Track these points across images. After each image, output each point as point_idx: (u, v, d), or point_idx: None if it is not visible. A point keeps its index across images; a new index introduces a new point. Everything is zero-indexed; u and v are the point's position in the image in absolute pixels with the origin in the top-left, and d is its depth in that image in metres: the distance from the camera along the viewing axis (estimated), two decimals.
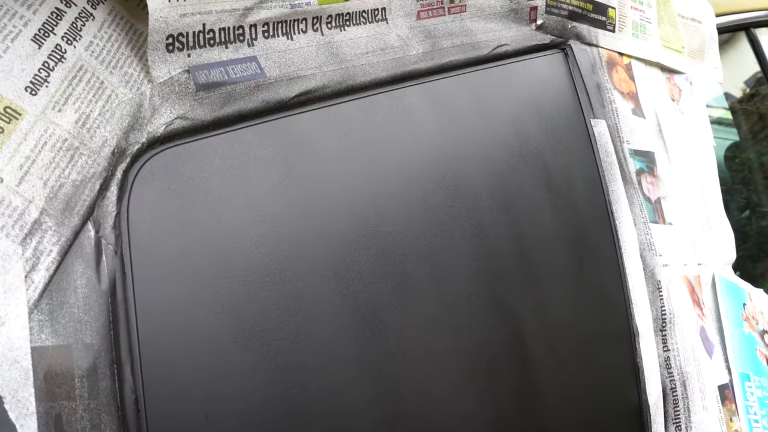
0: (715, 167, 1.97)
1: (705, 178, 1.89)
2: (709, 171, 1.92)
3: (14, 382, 0.61)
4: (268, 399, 0.79)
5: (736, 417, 1.65)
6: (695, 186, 1.83)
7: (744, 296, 1.89)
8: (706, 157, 1.93)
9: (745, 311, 1.87)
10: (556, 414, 1.24)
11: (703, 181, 1.87)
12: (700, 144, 1.92)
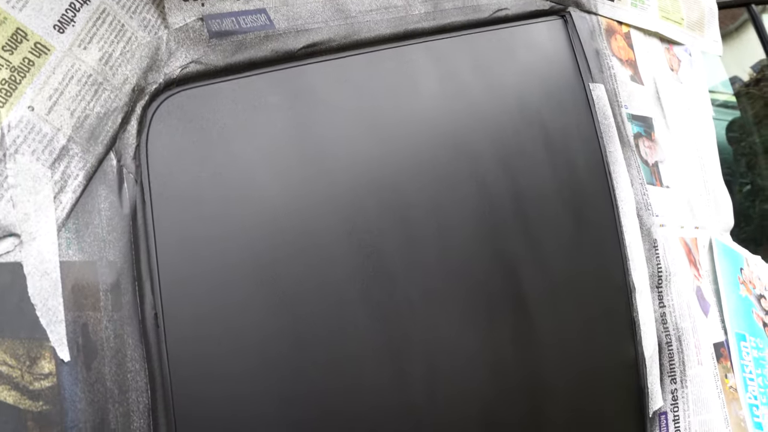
0: (713, 137, 2.01)
1: (703, 146, 1.93)
2: (707, 139, 1.96)
3: (45, 292, 0.66)
4: (277, 328, 0.84)
5: (731, 374, 1.70)
6: (693, 153, 1.87)
7: (741, 261, 1.94)
8: (704, 126, 1.97)
9: (742, 275, 1.91)
10: (553, 362, 1.29)
11: (701, 148, 1.91)
12: (698, 113, 1.96)
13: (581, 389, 1.34)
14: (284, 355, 0.85)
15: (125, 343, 0.70)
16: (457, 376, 1.06)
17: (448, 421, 1.03)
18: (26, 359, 0.64)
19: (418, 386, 0.99)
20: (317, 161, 0.94)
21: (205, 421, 0.75)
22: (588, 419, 1.35)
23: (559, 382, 1.29)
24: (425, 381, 1.00)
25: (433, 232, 1.06)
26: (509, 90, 1.34)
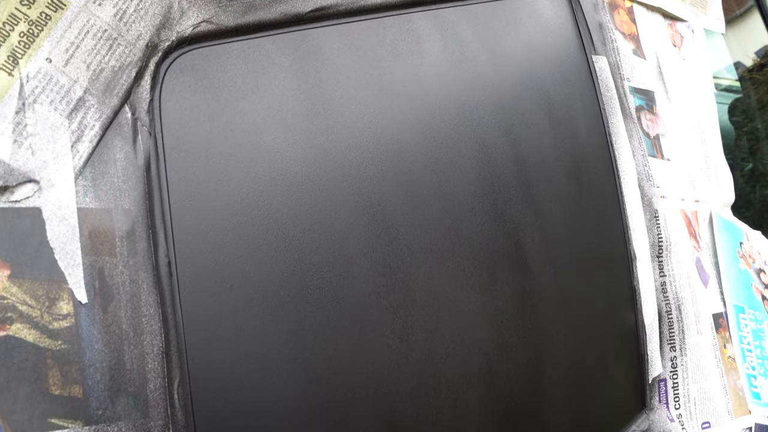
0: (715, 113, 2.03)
1: (704, 121, 1.95)
2: (708, 115, 1.98)
3: (63, 237, 0.69)
4: (285, 277, 0.87)
5: (730, 344, 1.73)
6: (694, 127, 1.89)
7: (741, 235, 1.96)
8: (706, 103, 1.99)
9: (742, 249, 1.94)
10: (553, 324, 1.31)
11: (702, 124, 1.93)
12: (700, 89, 1.97)
13: (581, 353, 1.37)
14: (291, 302, 0.87)
15: (140, 288, 0.73)
16: (457, 331, 1.09)
17: (450, 374, 1.05)
18: (45, 300, 0.66)
19: (420, 338, 1.01)
20: (324, 121, 0.96)
21: (215, 364, 0.77)
22: (588, 383, 1.38)
23: (559, 344, 1.32)
24: (427, 333, 1.02)
25: (435, 191, 1.09)
26: (513, 59, 1.36)
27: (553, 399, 1.28)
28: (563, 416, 1.30)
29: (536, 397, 1.24)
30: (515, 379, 1.19)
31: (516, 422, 1.18)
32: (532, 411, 1.23)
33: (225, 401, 0.78)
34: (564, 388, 1.30)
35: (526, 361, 1.22)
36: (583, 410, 1.35)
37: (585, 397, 1.36)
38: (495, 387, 1.14)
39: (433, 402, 1.03)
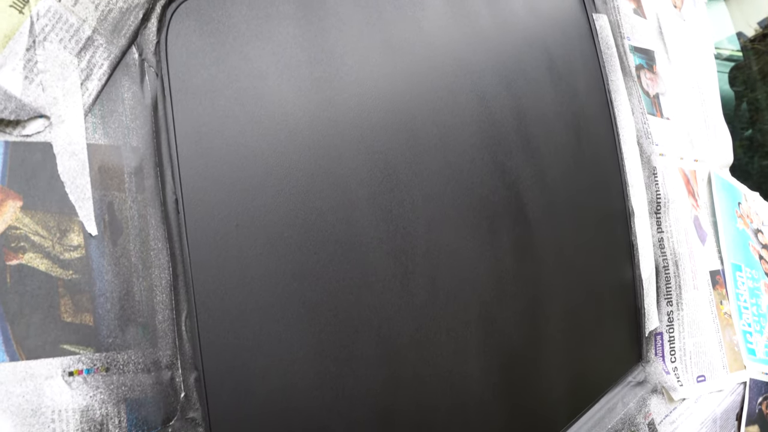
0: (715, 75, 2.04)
1: (704, 83, 1.96)
2: (708, 77, 1.99)
3: (73, 171, 0.71)
4: (289, 219, 0.89)
5: (726, 301, 1.75)
6: (694, 88, 1.90)
7: (739, 196, 1.98)
8: (706, 64, 2.00)
9: (740, 209, 1.95)
10: (551, 275, 1.34)
11: (702, 85, 1.94)
12: (700, 51, 1.98)
13: (579, 305, 1.39)
14: (295, 244, 0.89)
15: (148, 223, 0.75)
16: (457, 278, 1.11)
17: (449, 319, 1.08)
18: (57, 231, 0.68)
19: (420, 284, 1.03)
20: (327, 69, 0.98)
21: (221, 299, 0.80)
22: (585, 334, 1.41)
23: (557, 296, 1.34)
24: (427, 279, 1.05)
25: (436, 142, 1.10)
26: (514, 16, 1.37)
27: (551, 349, 1.30)
28: (560, 366, 1.32)
29: (534, 347, 1.26)
30: (513, 328, 1.21)
31: (514, 370, 1.21)
32: (530, 360, 1.25)
33: (231, 335, 0.80)
34: (561, 339, 1.33)
35: (525, 311, 1.24)
36: (580, 361, 1.38)
37: (582, 348, 1.39)
38: (493, 334, 1.17)
39: (433, 345, 1.06)
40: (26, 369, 0.64)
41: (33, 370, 0.65)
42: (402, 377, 1.00)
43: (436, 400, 1.06)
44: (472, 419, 1.12)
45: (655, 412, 1.51)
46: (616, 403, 1.46)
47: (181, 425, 0.74)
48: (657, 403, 1.53)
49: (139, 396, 0.71)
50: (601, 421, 1.39)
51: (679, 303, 1.62)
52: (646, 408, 1.49)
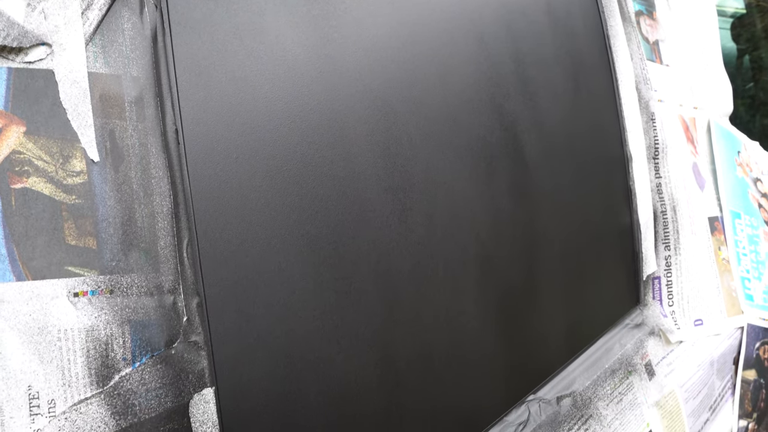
0: (716, 24, 2.03)
1: (705, 32, 1.96)
2: (709, 26, 1.99)
3: (75, 98, 0.72)
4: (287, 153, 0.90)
5: (725, 247, 1.77)
6: (695, 36, 1.90)
7: (739, 144, 1.98)
8: (706, 13, 1.99)
9: (739, 157, 1.96)
10: (549, 218, 1.35)
11: (702, 33, 1.94)
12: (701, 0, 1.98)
13: (576, 248, 1.41)
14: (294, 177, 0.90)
15: (149, 152, 0.77)
16: (455, 217, 1.13)
17: (447, 257, 1.10)
18: (59, 157, 0.70)
19: (418, 221, 1.05)
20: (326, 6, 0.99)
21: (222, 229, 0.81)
22: (583, 277, 1.42)
23: (555, 239, 1.36)
24: (425, 217, 1.06)
25: (434, 82, 1.11)
26: None
27: (548, 291, 1.32)
28: (558, 308, 1.34)
29: (531, 288, 1.28)
30: (510, 268, 1.23)
31: (511, 309, 1.23)
32: (527, 300, 1.27)
33: (232, 263, 0.82)
34: (559, 281, 1.35)
35: (522, 252, 1.26)
36: (578, 303, 1.40)
37: (580, 290, 1.41)
38: (490, 274, 1.19)
39: (430, 282, 1.07)
40: (32, 289, 0.66)
41: (39, 290, 0.67)
42: (400, 312, 1.02)
43: (434, 335, 1.08)
44: (469, 355, 1.14)
45: (653, 354, 1.53)
46: (613, 344, 1.48)
47: (184, 348, 0.76)
48: (654, 345, 1.55)
49: (142, 318, 0.73)
50: (598, 361, 1.42)
51: (676, 248, 1.64)
52: (644, 349, 1.52)
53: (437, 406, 1.07)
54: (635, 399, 1.43)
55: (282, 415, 0.86)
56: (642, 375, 1.47)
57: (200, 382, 0.76)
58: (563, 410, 1.27)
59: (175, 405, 0.74)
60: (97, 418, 0.68)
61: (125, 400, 0.70)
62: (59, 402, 0.66)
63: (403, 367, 1.02)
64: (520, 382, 1.25)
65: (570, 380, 1.34)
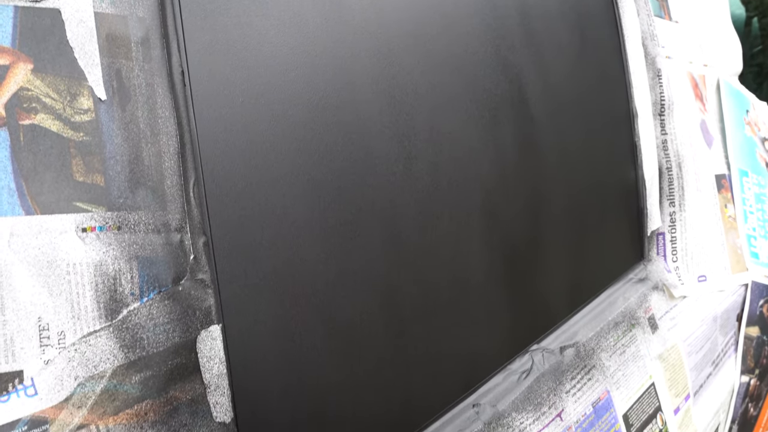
0: None
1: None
2: None
3: (82, 37, 0.73)
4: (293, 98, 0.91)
5: (731, 205, 1.77)
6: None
7: (747, 103, 1.98)
8: None
9: (748, 117, 1.96)
10: (553, 171, 1.36)
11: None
12: None
13: (581, 203, 1.41)
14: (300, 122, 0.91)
15: (155, 92, 0.77)
16: (460, 167, 1.13)
17: (451, 206, 1.11)
18: (67, 95, 0.71)
19: (423, 169, 1.06)
20: None
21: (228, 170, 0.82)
22: (587, 232, 1.43)
23: (560, 193, 1.36)
24: (430, 165, 1.07)
25: (438, 32, 1.12)
26: None
27: (552, 244, 1.33)
28: (562, 261, 1.35)
29: (535, 240, 1.29)
30: (515, 219, 1.24)
31: (515, 260, 1.24)
32: (531, 252, 1.28)
33: (238, 204, 0.83)
34: (563, 235, 1.36)
35: (527, 204, 1.27)
36: (582, 257, 1.41)
37: (584, 244, 1.42)
38: (496, 225, 1.20)
39: (434, 231, 1.08)
40: (41, 223, 0.68)
41: (48, 224, 0.68)
42: (405, 259, 1.03)
43: (438, 283, 1.09)
44: (473, 304, 1.15)
45: (656, 308, 1.54)
46: (617, 297, 1.49)
47: (191, 285, 0.77)
48: (658, 300, 1.56)
49: (150, 255, 0.74)
50: (602, 314, 1.43)
51: (681, 204, 1.64)
52: (647, 303, 1.53)
53: (441, 353, 1.09)
54: (638, 351, 1.44)
55: (287, 355, 0.88)
56: (645, 328, 1.48)
57: (207, 319, 0.78)
58: (566, 360, 1.29)
59: (182, 340, 0.76)
60: (106, 351, 0.70)
61: (133, 334, 0.72)
62: (69, 334, 0.68)
63: (407, 313, 1.04)
64: (523, 331, 1.27)
65: (573, 331, 1.35)
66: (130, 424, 0.71)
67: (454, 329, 1.11)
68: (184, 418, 0.75)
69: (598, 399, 1.31)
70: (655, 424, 1.45)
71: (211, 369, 0.78)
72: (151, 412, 0.73)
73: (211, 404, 0.78)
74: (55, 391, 0.66)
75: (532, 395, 1.19)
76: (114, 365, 0.71)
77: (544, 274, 1.32)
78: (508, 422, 1.13)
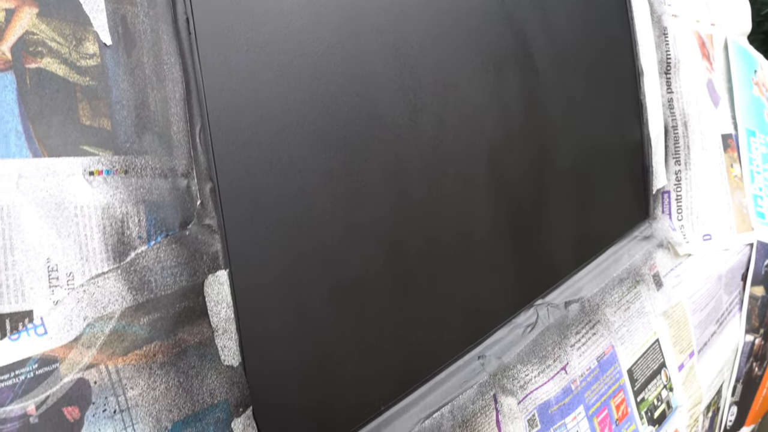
0: None
1: None
2: None
3: None
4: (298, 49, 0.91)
5: (737, 164, 1.77)
6: None
7: (755, 64, 1.97)
8: None
9: (756, 77, 1.95)
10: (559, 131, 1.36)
11: None
12: None
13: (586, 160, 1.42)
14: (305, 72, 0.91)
15: (161, 38, 0.78)
16: (465, 120, 1.14)
17: (457, 159, 1.11)
18: (72, 39, 0.71)
19: (428, 122, 1.06)
20: None
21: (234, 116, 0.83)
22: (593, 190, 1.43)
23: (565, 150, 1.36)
24: (436, 118, 1.08)
25: None
26: None
27: (557, 200, 1.33)
28: (567, 217, 1.36)
29: (540, 195, 1.29)
30: (520, 174, 1.24)
31: (520, 214, 1.24)
32: (537, 209, 1.29)
33: (245, 152, 0.84)
34: (568, 192, 1.36)
35: (533, 161, 1.27)
36: (587, 214, 1.41)
37: (589, 202, 1.42)
38: (501, 179, 1.20)
39: (440, 184, 1.09)
40: (49, 166, 0.68)
41: (55, 167, 0.68)
42: (411, 211, 1.04)
43: (444, 236, 1.10)
44: (478, 258, 1.16)
45: (661, 265, 1.55)
46: (621, 255, 1.50)
47: (198, 230, 0.78)
48: (663, 257, 1.57)
49: (156, 199, 0.75)
50: (607, 270, 1.43)
51: (687, 163, 1.64)
52: (652, 261, 1.53)
53: (446, 305, 1.10)
54: (642, 308, 1.45)
55: (294, 302, 0.88)
56: (650, 285, 1.49)
57: (214, 264, 0.79)
58: (571, 315, 1.29)
59: (190, 284, 0.77)
60: (115, 292, 0.71)
61: (141, 277, 0.73)
62: (77, 275, 0.69)
63: (413, 265, 1.04)
64: (528, 286, 1.28)
65: (578, 287, 1.36)
66: (139, 365, 0.72)
67: (459, 283, 1.12)
68: (192, 361, 0.76)
69: (603, 354, 1.32)
70: (659, 379, 1.46)
71: (218, 313, 0.79)
72: (160, 353, 0.74)
73: (219, 348, 0.79)
74: (64, 331, 0.67)
75: (537, 348, 1.20)
76: (122, 307, 0.71)
77: (549, 230, 1.32)
78: (514, 374, 1.14)
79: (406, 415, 1.02)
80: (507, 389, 1.12)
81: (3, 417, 0.63)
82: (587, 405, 1.25)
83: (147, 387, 0.72)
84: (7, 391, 0.63)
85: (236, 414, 0.80)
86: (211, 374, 0.78)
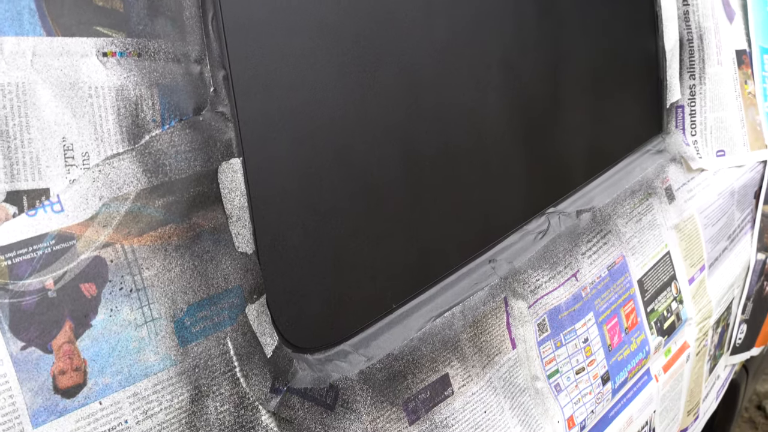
0: None
1: None
2: None
3: None
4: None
5: (751, 81, 1.75)
6: None
7: None
8: None
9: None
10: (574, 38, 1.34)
11: None
12: None
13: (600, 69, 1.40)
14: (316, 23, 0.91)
15: None
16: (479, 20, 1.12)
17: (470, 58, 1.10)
18: None
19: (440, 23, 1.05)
20: None
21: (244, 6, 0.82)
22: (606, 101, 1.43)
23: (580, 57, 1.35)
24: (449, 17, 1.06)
25: None
26: None
27: (571, 111, 1.33)
28: (580, 127, 1.35)
29: (554, 105, 1.29)
30: (535, 83, 1.23)
31: (534, 124, 1.24)
32: (550, 118, 1.28)
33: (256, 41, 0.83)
34: (581, 101, 1.35)
35: (546, 67, 1.26)
36: (600, 125, 1.41)
37: (602, 113, 1.41)
38: (515, 85, 1.19)
39: (454, 84, 1.08)
40: (62, 45, 0.68)
41: (69, 46, 0.68)
42: (424, 110, 1.03)
43: (457, 138, 1.09)
44: (491, 162, 1.16)
45: (673, 179, 1.55)
46: (634, 167, 1.49)
47: (211, 116, 0.78)
48: (675, 171, 1.56)
49: (170, 83, 0.75)
50: (619, 182, 1.43)
51: (702, 77, 1.63)
52: (664, 174, 1.53)
53: (458, 209, 1.10)
54: (654, 220, 1.45)
55: (307, 194, 0.89)
56: (662, 198, 1.49)
57: (228, 151, 0.79)
58: (582, 224, 1.30)
59: (204, 170, 0.77)
60: (130, 174, 0.71)
61: (156, 159, 0.73)
62: (93, 155, 0.69)
63: (426, 165, 1.05)
64: (540, 194, 1.28)
65: (590, 197, 1.36)
66: (155, 246, 0.73)
67: (471, 186, 1.12)
68: (207, 245, 0.77)
69: (614, 263, 1.33)
70: (669, 291, 1.47)
71: (232, 200, 0.79)
72: (175, 236, 0.74)
73: (233, 234, 0.80)
74: (80, 209, 0.68)
75: (548, 254, 1.21)
76: (137, 188, 0.72)
77: (562, 139, 1.32)
78: (524, 278, 1.15)
79: (418, 314, 1.03)
80: (517, 293, 1.13)
81: (22, 290, 0.64)
82: (597, 312, 1.26)
83: (162, 268, 0.73)
84: (26, 265, 0.64)
85: (250, 300, 0.81)
86: (226, 260, 0.79)
